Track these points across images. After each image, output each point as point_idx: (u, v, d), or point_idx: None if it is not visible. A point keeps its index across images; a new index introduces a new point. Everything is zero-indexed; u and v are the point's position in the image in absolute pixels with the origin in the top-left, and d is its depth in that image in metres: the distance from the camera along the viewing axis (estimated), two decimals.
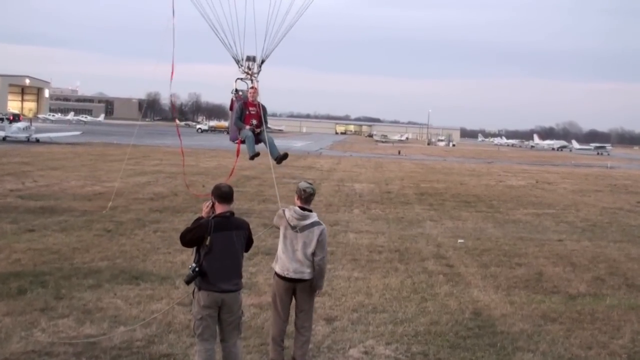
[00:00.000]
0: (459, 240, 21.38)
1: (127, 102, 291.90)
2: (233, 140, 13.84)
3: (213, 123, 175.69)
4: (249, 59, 13.06)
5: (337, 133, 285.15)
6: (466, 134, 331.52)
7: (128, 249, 17.24)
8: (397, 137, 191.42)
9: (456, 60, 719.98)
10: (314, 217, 9.57)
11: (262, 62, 13.08)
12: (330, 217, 24.95)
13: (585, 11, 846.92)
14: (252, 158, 13.52)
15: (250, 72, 13.14)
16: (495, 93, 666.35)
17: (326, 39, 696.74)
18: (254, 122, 13.19)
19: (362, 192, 35.83)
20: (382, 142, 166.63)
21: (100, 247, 17.29)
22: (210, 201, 8.61)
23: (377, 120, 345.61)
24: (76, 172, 37.60)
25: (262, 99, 13.55)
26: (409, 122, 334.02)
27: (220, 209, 8.54)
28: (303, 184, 9.73)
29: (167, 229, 20.48)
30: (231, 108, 13.66)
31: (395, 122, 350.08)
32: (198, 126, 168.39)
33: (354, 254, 18.30)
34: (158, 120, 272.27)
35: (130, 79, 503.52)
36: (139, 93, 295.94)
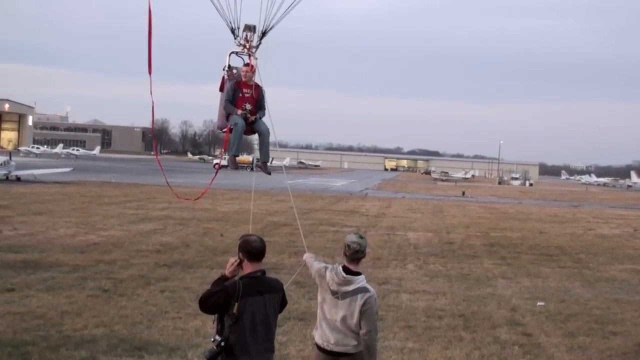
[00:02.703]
0: (539, 303, 21.20)
1: (128, 131, 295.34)
2: (221, 128, 13.02)
3: None
4: (247, 28, 12.36)
5: (386, 169, 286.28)
6: (546, 170, 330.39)
7: (129, 313, 17.30)
8: (460, 175, 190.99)
9: (534, 79, 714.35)
10: (359, 281, 9.18)
11: (264, 33, 12.41)
12: (379, 273, 24.90)
13: None
14: (233, 157, 12.72)
15: (248, 44, 12.44)
16: (583, 120, 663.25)
17: (371, 54, 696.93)
18: (248, 106, 12.30)
19: (417, 243, 35.73)
20: (442, 180, 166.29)
21: (95, 311, 17.37)
22: (237, 258, 8.36)
23: (436, 154, 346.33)
24: (66, 217, 37.92)
25: (264, 84, 12.71)
26: (475, 156, 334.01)
27: (249, 268, 8.33)
28: (350, 237, 9.32)
29: (176, 288, 20.54)
30: (222, 89, 12.95)
31: (459, 156, 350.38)
32: (215, 161, 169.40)
33: (408, 320, 18.22)
34: (166, 153, 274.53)
35: (131, 103, 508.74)
36: (143, 120, 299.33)
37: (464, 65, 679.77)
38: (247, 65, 12.49)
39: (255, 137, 12.59)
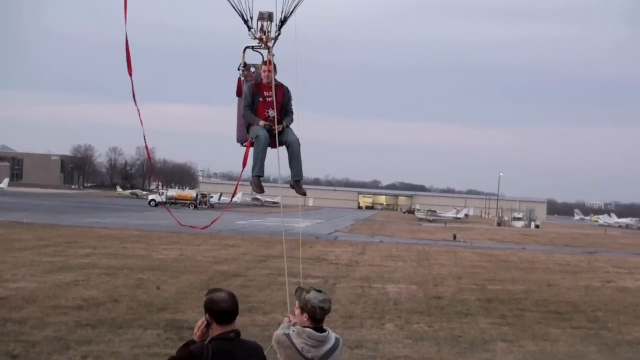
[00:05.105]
0: None
1: (43, 160, 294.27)
2: (241, 142, 12.75)
3: (173, 193, 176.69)
4: (262, 17, 12.12)
5: (360, 207, 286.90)
6: (556, 209, 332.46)
7: None
8: (451, 214, 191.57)
9: (541, 97, 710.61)
10: (332, 337, 9.10)
11: (283, 22, 12.12)
12: (351, 335, 24.84)
13: None
14: (257, 179, 12.46)
15: (265, 36, 12.14)
16: (600, 147, 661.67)
17: (342, 66, 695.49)
18: (271, 113, 12.00)
19: (398, 298, 35.76)
20: (429, 221, 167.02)
21: None
22: (204, 319, 8.31)
23: (422, 189, 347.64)
24: None
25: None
26: (470, 192, 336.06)
27: (219, 330, 8.28)
28: (316, 297, 9.03)
29: (102, 354, 20.40)
30: (239, 94, 12.65)
31: (449, 191, 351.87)
32: (151, 197, 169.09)
33: None
34: (90, 187, 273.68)
35: (48, 127, 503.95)
36: (62, 147, 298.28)
37: (455, 81, 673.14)
38: (264, 64, 12.20)
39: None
